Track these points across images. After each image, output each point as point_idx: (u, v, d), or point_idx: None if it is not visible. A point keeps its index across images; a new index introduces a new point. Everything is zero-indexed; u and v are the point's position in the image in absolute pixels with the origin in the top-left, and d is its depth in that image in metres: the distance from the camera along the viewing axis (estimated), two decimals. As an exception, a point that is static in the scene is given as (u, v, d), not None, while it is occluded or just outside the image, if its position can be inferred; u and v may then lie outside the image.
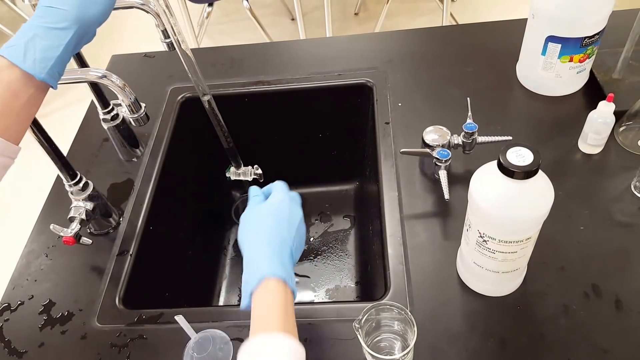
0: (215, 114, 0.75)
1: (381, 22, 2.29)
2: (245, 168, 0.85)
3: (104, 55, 1.16)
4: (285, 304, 0.53)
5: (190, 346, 0.64)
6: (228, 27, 2.62)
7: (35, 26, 0.50)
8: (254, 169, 0.86)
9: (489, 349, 0.63)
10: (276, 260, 0.55)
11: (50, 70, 0.51)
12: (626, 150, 0.80)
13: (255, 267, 0.55)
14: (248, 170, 0.85)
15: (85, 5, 0.51)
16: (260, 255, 0.56)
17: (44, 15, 0.50)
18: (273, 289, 0.53)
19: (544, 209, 0.55)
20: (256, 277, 0.53)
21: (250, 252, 0.57)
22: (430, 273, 0.70)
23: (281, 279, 0.54)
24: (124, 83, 0.64)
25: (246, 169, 0.85)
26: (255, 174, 0.86)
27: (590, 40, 0.82)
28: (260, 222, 0.59)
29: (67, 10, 0.50)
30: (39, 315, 0.72)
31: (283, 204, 0.60)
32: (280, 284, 0.53)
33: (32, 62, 0.50)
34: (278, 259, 0.55)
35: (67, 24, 0.51)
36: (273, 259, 0.55)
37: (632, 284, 0.66)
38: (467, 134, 0.78)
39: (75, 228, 0.74)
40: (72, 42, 0.52)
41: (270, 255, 0.55)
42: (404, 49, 1.04)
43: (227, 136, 0.79)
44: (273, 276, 0.53)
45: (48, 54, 0.50)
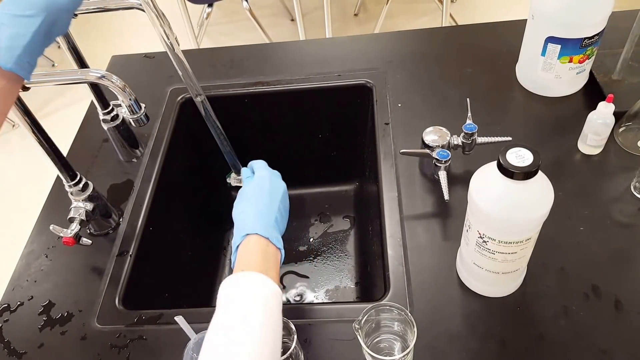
0: (209, 115, 0.74)
1: (381, 23, 2.29)
2: None
3: (104, 56, 1.16)
4: (264, 253, 0.59)
5: (190, 347, 0.64)
6: (228, 27, 2.62)
7: (1, 14, 0.49)
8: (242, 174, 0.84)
9: (488, 349, 0.63)
10: (259, 221, 0.62)
11: (18, 59, 0.49)
12: (626, 151, 0.81)
13: (241, 228, 0.62)
14: None
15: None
16: (245, 218, 0.63)
17: (10, 3, 0.49)
18: (254, 242, 0.60)
19: (543, 209, 0.55)
20: (240, 235, 0.61)
21: (238, 218, 0.64)
22: (430, 274, 0.70)
23: (262, 236, 0.60)
24: (124, 84, 0.64)
25: None
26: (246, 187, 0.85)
27: (590, 41, 0.82)
28: (247, 194, 0.67)
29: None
30: (39, 316, 0.72)
31: (264, 179, 0.68)
32: (261, 239, 0.60)
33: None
34: (261, 221, 0.62)
35: (34, 11, 0.49)
36: (256, 221, 0.62)
37: (632, 284, 0.66)
38: (467, 134, 0.78)
39: (75, 229, 0.74)
40: (41, 31, 0.50)
41: (254, 217, 0.62)
42: (404, 49, 1.04)
43: (224, 138, 0.79)
44: (254, 232, 0.60)
45: (14, 42, 0.48)
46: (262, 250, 0.59)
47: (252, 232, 0.60)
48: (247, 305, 0.53)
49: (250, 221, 0.62)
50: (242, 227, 0.61)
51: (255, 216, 0.62)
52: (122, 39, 2.62)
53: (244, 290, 0.54)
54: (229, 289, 0.55)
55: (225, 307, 0.53)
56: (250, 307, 0.52)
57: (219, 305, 0.54)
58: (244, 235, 0.60)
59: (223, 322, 0.52)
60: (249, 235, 0.60)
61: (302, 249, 1.09)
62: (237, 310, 0.52)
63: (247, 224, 0.61)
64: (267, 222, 0.62)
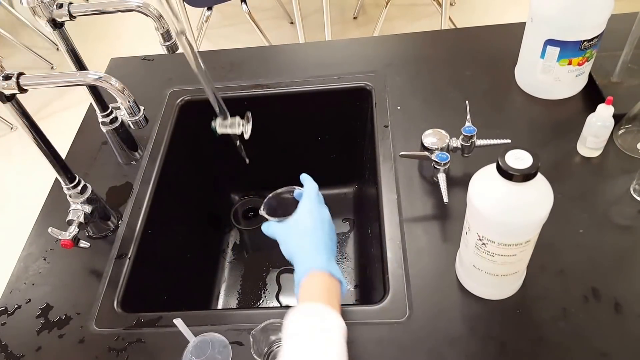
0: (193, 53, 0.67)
1: (380, 26, 2.29)
2: (233, 119, 0.76)
3: (103, 58, 1.16)
4: (328, 286, 0.61)
5: (189, 350, 0.64)
6: (227, 30, 2.63)
7: None
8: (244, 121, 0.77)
9: (488, 352, 0.62)
10: (319, 256, 0.64)
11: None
12: (625, 153, 0.80)
13: (303, 263, 0.63)
14: (236, 121, 0.76)
15: None
16: (307, 253, 0.65)
17: None
18: (317, 276, 0.62)
19: (543, 212, 0.55)
20: (304, 271, 0.62)
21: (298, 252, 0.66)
22: (429, 276, 0.70)
23: (325, 271, 0.62)
24: (123, 86, 0.63)
25: (234, 120, 0.76)
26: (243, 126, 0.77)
27: (589, 44, 0.82)
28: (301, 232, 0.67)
29: None
30: (37, 319, 0.72)
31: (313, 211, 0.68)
32: (324, 274, 0.62)
33: None
34: (321, 255, 0.64)
35: None
36: (316, 255, 0.64)
37: (632, 287, 0.66)
38: (466, 137, 0.78)
39: (73, 231, 0.73)
40: None
41: (314, 252, 0.64)
42: (403, 52, 1.04)
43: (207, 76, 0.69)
44: (317, 268, 0.62)
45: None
46: (326, 284, 0.61)
47: (315, 268, 0.62)
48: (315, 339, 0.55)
49: (311, 256, 0.64)
50: (304, 263, 0.63)
51: (315, 251, 0.64)
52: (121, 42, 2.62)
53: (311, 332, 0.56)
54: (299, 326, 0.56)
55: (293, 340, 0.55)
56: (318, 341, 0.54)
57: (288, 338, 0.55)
58: (307, 272, 0.62)
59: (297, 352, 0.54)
60: (312, 271, 0.62)
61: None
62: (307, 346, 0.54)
63: (309, 259, 0.63)
64: (327, 255, 0.64)
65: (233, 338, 0.67)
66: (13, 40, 2.46)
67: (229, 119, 0.75)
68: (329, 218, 0.70)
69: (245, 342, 0.66)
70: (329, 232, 0.68)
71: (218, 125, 0.75)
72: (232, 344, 0.66)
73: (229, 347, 0.65)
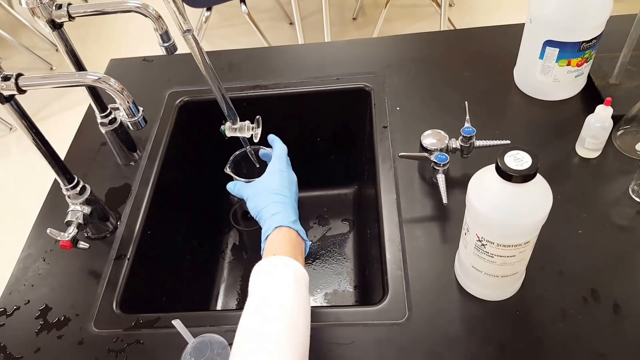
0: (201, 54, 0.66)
1: (379, 27, 2.29)
2: (242, 123, 0.76)
3: (102, 59, 1.16)
4: (293, 242, 0.64)
5: (188, 351, 0.64)
6: (226, 31, 2.63)
7: None
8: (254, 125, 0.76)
9: (487, 353, 0.62)
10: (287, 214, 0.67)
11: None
12: (624, 154, 0.81)
13: (272, 220, 0.66)
14: (245, 125, 0.75)
15: None
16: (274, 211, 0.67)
17: None
18: (285, 232, 0.65)
19: (542, 213, 0.55)
20: (272, 226, 0.65)
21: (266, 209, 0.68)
22: (428, 277, 0.70)
23: (292, 228, 0.66)
24: (122, 87, 0.63)
25: (243, 123, 0.76)
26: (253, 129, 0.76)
27: (588, 45, 0.82)
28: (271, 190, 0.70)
29: None
30: (36, 320, 0.72)
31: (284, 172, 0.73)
32: (291, 230, 0.66)
33: None
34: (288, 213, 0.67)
35: None
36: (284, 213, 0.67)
37: (631, 288, 0.66)
38: (465, 138, 0.78)
39: (72, 232, 0.73)
40: None
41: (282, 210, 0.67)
42: (402, 53, 1.04)
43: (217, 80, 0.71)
44: (285, 225, 0.65)
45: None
46: (292, 240, 0.65)
47: (284, 224, 0.65)
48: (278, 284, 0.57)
49: (280, 214, 0.67)
50: (273, 219, 0.66)
51: (283, 209, 0.68)
52: (120, 43, 2.62)
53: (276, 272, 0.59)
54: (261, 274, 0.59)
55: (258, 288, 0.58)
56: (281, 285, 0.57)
57: (251, 288, 0.58)
58: (275, 227, 0.65)
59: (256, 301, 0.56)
60: (279, 227, 0.65)
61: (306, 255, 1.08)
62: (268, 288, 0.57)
63: (278, 217, 0.66)
64: (293, 215, 0.68)
65: (232, 339, 0.66)
66: (12, 41, 2.46)
67: (238, 122, 0.76)
68: (296, 181, 0.74)
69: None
70: (296, 195, 0.72)
71: (227, 128, 0.75)
72: (231, 345, 0.66)
73: (228, 348, 0.65)
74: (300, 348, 0.53)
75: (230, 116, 0.75)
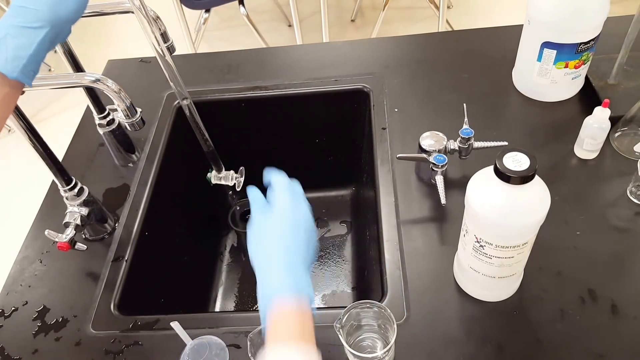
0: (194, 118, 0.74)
1: (377, 29, 2.30)
2: (227, 172, 0.80)
3: (100, 60, 1.16)
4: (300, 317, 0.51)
5: (186, 352, 0.63)
6: (225, 33, 2.63)
7: (7, 26, 0.50)
8: (237, 175, 0.82)
9: (485, 354, 0.62)
10: (288, 276, 0.52)
11: (24, 68, 0.51)
12: (622, 155, 0.81)
13: (268, 286, 0.52)
14: (229, 175, 0.80)
15: (58, 5, 0.52)
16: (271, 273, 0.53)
17: (17, 15, 0.51)
18: (286, 305, 0.51)
19: (540, 214, 0.55)
20: (269, 297, 0.51)
21: (261, 270, 0.54)
22: (427, 278, 0.70)
23: (294, 296, 0.51)
24: (120, 87, 0.63)
25: (227, 173, 0.80)
26: (236, 179, 0.82)
27: (586, 46, 0.82)
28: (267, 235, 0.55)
29: (40, 10, 0.51)
30: (33, 322, 0.72)
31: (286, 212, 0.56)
32: (294, 301, 0.51)
33: (4, 61, 0.50)
34: (291, 273, 0.52)
35: (40, 23, 0.51)
36: (285, 276, 0.52)
37: (628, 288, 0.66)
38: (464, 139, 0.78)
39: (70, 233, 0.73)
40: (46, 41, 0.52)
41: (282, 271, 0.52)
42: (401, 54, 1.04)
43: (206, 139, 0.77)
44: (283, 294, 0.51)
45: (20, 52, 0.50)
46: (298, 318, 0.51)
47: (283, 292, 0.51)
48: None
49: (278, 277, 0.52)
50: (269, 285, 0.52)
51: (284, 268, 0.52)
52: (119, 44, 2.62)
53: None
54: None
55: None
56: None
57: None
58: (272, 296, 0.51)
59: None
60: (279, 297, 0.51)
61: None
62: None
63: (274, 282, 0.52)
64: (298, 273, 0.52)
65: (230, 341, 0.67)
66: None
67: (223, 172, 0.81)
68: (306, 217, 0.56)
69: (243, 344, 0.66)
70: (304, 237, 0.55)
71: (213, 176, 0.81)
72: (230, 346, 0.66)
73: (226, 349, 0.65)
74: None
75: (217, 166, 0.80)
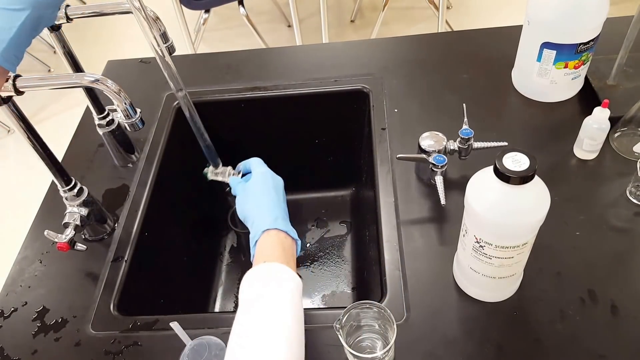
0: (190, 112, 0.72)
1: (377, 29, 2.30)
2: (224, 168, 0.82)
3: (99, 61, 1.16)
4: (283, 245, 0.62)
5: (186, 353, 0.63)
6: (225, 33, 2.63)
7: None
8: (234, 172, 0.82)
9: (485, 354, 0.62)
10: (273, 216, 0.65)
11: (4, 53, 0.49)
12: (621, 156, 0.81)
13: (258, 223, 0.64)
14: (227, 171, 0.81)
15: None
16: (260, 213, 0.65)
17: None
18: (274, 235, 0.62)
19: (540, 214, 0.55)
20: (259, 230, 0.63)
21: (251, 214, 0.66)
22: (426, 279, 0.70)
23: (280, 229, 0.63)
24: (119, 88, 0.63)
25: (225, 169, 0.81)
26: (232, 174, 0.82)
27: (585, 47, 0.82)
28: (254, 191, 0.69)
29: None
30: (33, 322, 0.72)
31: (267, 174, 0.71)
32: (279, 232, 0.63)
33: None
34: (275, 215, 0.65)
35: (20, 5, 0.50)
36: (271, 215, 0.65)
37: (628, 289, 0.66)
38: (463, 139, 0.78)
39: (69, 234, 0.73)
40: (27, 25, 0.50)
41: (268, 212, 0.65)
42: (400, 55, 1.04)
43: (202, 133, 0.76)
44: (273, 227, 0.63)
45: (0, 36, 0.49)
46: (282, 243, 0.62)
47: (271, 227, 0.63)
48: (268, 295, 0.55)
49: (266, 216, 0.64)
50: (260, 222, 0.64)
51: (269, 211, 0.65)
52: (118, 44, 2.62)
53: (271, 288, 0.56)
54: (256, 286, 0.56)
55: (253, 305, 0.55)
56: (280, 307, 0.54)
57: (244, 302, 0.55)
58: (263, 231, 0.63)
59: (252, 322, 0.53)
60: (267, 230, 0.63)
61: (299, 254, 1.08)
62: (259, 298, 0.55)
63: (264, 219, 0.64)
64: (281, 216, 0.65)
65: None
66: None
67: (220, 167, 0.81)
68: (282, 183, 0.72)
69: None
70: (283, 196, 0.70)
71: (210, 172, 0.81)
72: (229, 347, 0.66)
73: (225, 350, 0.65)
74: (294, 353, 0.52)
75: (214, 162, 0.81)
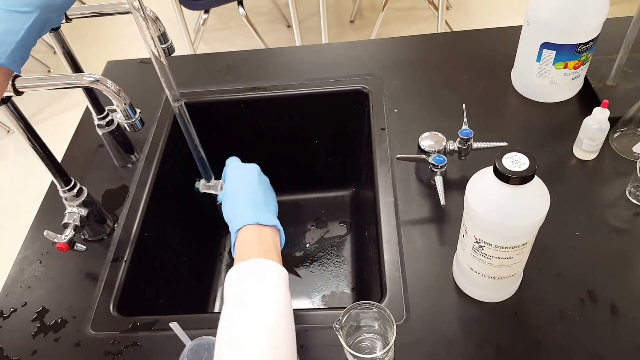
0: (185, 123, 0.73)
1: (377, 29, 2.30)
2: (216, 181, 0.82)
3: (99, 61, 1.16)
4: (259, 237, 0.61)
5: (185, 353, 0.63)
6: (224, 33, 2.63)
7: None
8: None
9: (485, 355, 0.62)
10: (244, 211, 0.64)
11: (11, 55, 0.49)
12: (621, 156, 0.81)
13: (232, 226, 0.64)
14: (218, 184, 0.81)
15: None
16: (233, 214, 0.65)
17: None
18: (247, 232, 0.61)
19: (539, 214, 0.55)
20: (234, 231, 0.63)
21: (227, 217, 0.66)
22: (426, 279, 0.70)
23: (252, 223, 0.62)
24: (119, 88, 0.63)
25: (217, 182, 0.81)
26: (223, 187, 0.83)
27: (585, 47, 0.82)
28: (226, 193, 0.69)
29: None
30: (32, 323, 0.72)
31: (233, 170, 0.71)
32: (252, 227, 0.62)
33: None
34: (246, 209, 0.64)
35: (29, 8, 0.50)
36: (242, 212, 0.64)
37: (628, 289, 0.66)
38: (463, 140, 0.78)
39: (69, 234, 0.73)
40: (35, 27, 0.50)
41: (239, 210, 0.64)
42: (400, 55, 1.04)
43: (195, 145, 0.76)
44: (244, 224, 0.62)
45: (8, 38, 0.49)
46: (257, 236, 0.61)
47: (242, 224, 0.62)
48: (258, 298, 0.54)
49: (238, 215, 0.64)
50: (233, 224, 0.63)
51: (240, 208, 0.64)
52: (118, 45, 2.62)
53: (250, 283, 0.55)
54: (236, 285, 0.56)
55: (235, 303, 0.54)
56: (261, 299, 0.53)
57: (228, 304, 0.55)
58: (237, 231, 0.62)
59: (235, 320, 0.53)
60: (240, 229, 0.62)
61: (299, 254, 1.08)
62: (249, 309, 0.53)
63: (236, 219, 0.63)
64: (254, 208, 0.64)
65: (230, 341, 0.66)
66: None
67: (212, 181, 0.81)
68: (257, 173, 0.71)
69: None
70: (257, 184, 0.68)
71: (202, 185, 0.81)
72: (229, 347, 0.66)
73: (225, 350, 0.64)
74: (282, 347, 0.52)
75: (206, 175, 0.81)
